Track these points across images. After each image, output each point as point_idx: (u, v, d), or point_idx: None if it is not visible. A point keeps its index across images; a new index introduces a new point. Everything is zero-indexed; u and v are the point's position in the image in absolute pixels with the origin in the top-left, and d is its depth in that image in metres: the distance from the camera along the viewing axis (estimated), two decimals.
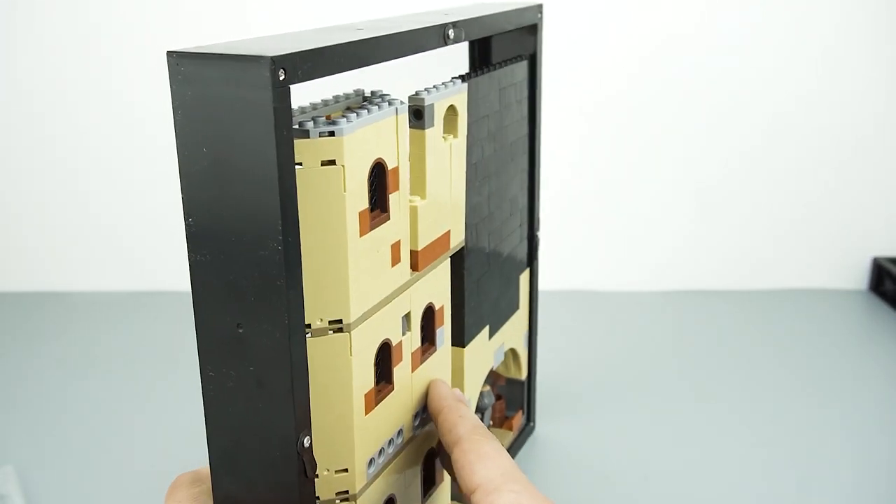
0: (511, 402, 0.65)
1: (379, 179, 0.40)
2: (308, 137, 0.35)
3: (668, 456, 0.63)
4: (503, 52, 0.59)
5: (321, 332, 0.38)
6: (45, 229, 0.97)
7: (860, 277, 0.97)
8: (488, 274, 0.54)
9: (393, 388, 0.43)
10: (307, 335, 0.38)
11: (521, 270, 0.61)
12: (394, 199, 0.41)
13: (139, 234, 0.96)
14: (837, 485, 0.60)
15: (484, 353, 0.55)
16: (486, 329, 0.55)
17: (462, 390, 0.53)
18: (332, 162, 0.36)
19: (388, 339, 0.42)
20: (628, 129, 0.91)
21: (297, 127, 0.35)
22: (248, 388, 0.36)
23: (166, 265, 0.95)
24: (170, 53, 0.32)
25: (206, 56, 0.32)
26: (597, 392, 0.72)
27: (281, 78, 0.31)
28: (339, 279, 0.38)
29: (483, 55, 0.60)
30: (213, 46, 0.33)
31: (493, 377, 0.64)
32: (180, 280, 0.66)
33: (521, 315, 0.62)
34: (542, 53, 0.59)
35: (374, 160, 0.39)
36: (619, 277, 0.95)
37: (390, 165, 0.40)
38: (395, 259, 0.42)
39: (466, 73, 0.49)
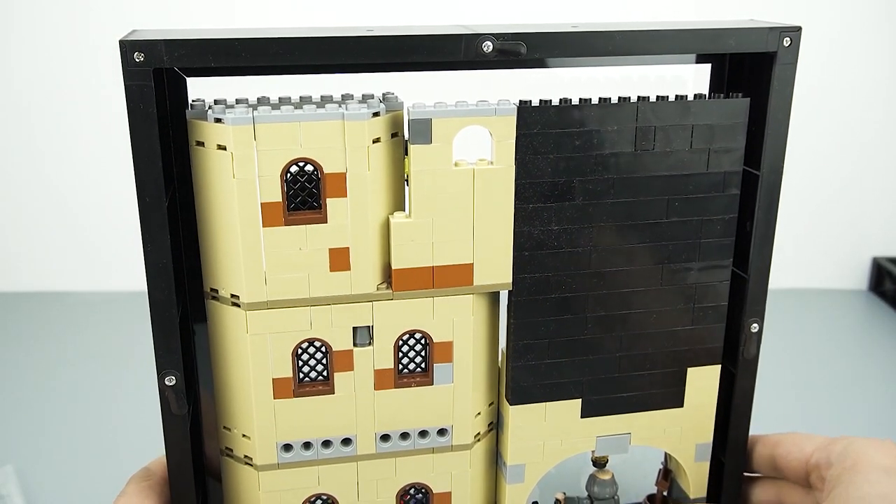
0: None
1: (315, 180, 0.40)
2: (205, 120, 0.39)
3: None
4: (746, 82, 0.46)
5: (225, 301, 0.42)
6: (45, 230, 0.97)
7: (860, 277, 1.00)
8: (586, 339, 0.46)
9: (332, 392, 0.43)
10: (214, 298, 0.42)
11: (692, 362, 0.48)
12: (336, 205, 0.40)
13: (139, 235, 0.94)
14: None
15: (563, 427, 0.47)
16: (575, 403, 0.47)
17: (505, 453, 0.47)
18: (224, 147, 0.39)
19: (325, 341, 0.42)
20: None
21: (209, 110, 0.39)
22: None
23: None
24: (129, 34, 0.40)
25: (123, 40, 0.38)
26: None
27: (138, 60, 0.36)
28: (234, 258, 0.40)
29: (732, 82, 0.47)
30: (149, 32, 0.39)
31: (663, 472, 0.52)
32: None
33: (686, 418, 0.49)
34: (781, 94, 0.44)
35: (292, 157, 0.39)
36: None
37: (330, 169, 0.40)
38: (338, 265, 0.41)
39: (544, 101, 0.42)
